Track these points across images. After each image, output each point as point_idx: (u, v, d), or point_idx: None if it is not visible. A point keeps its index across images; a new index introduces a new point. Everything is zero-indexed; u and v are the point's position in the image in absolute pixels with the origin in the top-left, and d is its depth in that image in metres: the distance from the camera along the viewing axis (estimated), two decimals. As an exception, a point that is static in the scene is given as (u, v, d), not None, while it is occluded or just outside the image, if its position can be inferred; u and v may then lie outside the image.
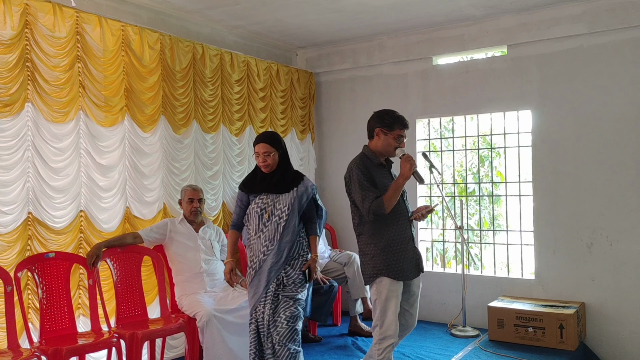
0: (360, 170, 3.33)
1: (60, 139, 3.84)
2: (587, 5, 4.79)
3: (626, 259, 4.69)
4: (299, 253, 3.48)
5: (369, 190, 3.27)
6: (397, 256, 3.30)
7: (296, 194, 3.49)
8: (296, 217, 3.46)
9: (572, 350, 4.48)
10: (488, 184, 5.90)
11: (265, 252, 3.42)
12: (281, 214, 3.45)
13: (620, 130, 4.72)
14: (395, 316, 3.25)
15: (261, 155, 3.46)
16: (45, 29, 3.70)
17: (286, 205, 3.46)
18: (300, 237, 3.51)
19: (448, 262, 6.51)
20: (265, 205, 3.48)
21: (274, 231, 3.43)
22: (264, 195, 3.51)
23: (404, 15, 5.14)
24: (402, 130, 3.40)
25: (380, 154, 3.45)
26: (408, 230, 3.39)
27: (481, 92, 5.39)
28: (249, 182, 3.61)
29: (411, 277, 3.37)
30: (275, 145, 3.49)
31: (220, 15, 5.06)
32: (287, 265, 3.43)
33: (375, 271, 3.31)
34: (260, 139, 3.52)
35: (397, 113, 3.45)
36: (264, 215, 3.46)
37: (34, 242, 3.69)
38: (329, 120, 6.44)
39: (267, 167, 3.48)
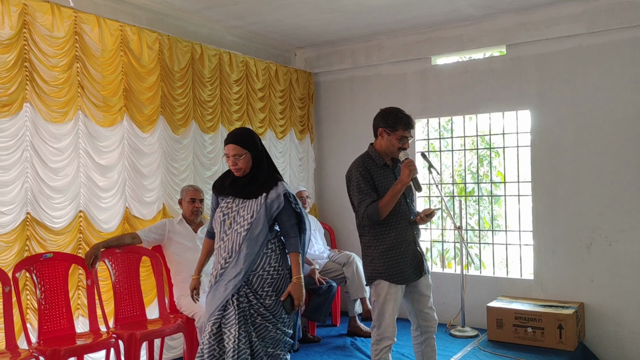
0: (360, 172, 3.27)
1: (59, 139, 3.83)
2: (586, 5, 4.79)
3: (625, 259, 4.69)
4: (265, 269, 3.03)
5: (366, 194, 3.22)
6: (397, 259, 3.24)
7: (264, 200, 3.05)
8: (262, 227, 3.03)
9: (571, 350, 4.48)
10: (487, 184, 5.90)
11: (223, 265, 3.03)
12: (243, 222, 3.03)
13: (619, 130, 4.72)
14: (392, 319, 3.23)
15: (231, 157, 3.06)
16: (43, 28, 3.70)
17: (250, 212, 3.04)
18: (268, 249, 3.05)
19: (448, 263, 6.51)
20: (229, 210, 3.10)
21: (234, 241, 3.02)
22: (230, 199, 3.13)
23: (403, 15, 5.14)
24: (405, 131, 3.26)
25: (385, 154, 3.34)
26: (410, 232, 3.31)
27: (480, 92, 5.39)
28: (219, 183, 3.24)
29: (411, 279, 3.31)
30: (248, 146, 3.07)
31: (218, 16, 5.06)
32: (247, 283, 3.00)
33: (375, 274, 3.28)
34: (230, 139, 3.10)
35: (402, 113, 3.31)
36: (226, 221, 3.08)
37: (32, 243, 3.69)
38: (327, 121, 6.44)
39: (239, 170, 3.07)
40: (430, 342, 3.43)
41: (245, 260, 2.99)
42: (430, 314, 3.42)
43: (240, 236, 3.01)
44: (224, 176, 3.24)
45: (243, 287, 2.98)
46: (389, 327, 3.23)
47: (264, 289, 3.02)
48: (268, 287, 3.03)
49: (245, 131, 3.19)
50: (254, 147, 3.11)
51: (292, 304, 3.03)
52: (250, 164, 3.09)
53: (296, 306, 3.05)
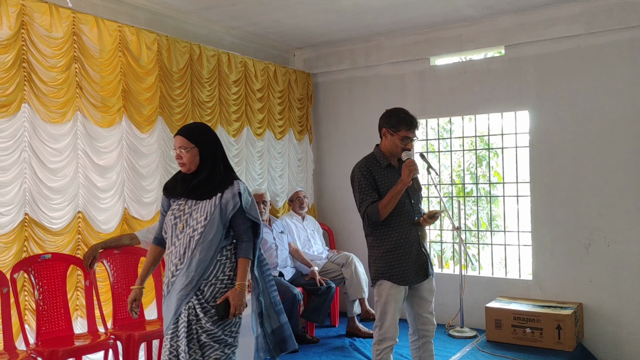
0: (362, 172, 3.27)
1: (58, 140, 3.83)
2: (584, 6, 4.79)
3: (624, 259, 4.69)
4: (218, 277, 2.80)
5: (367, 194, 3.22)
6: (400, 260, 3.23)
7: (219, 201, 2.83)
8: (217, 230, 2.80)
9: (569, 350, 4.48)
10: (486, 185, 5.90)
11: (174, 272, 2.80)
12: (196, 225, 2.80)
13: (618, 131, 4.72)
14: (394, 319, 3.23)
15: (176, 149, 2.87)
16: (41, 29, 3.69)
17: (204, 214, 2.81)
18: (222, 256, 2.84)
19: (446, 263, 6.51)
20: (181, 213, 2.86)
21: (186, 246, 2.79)
22: (182, 201, 2.89)
23: (402, 15, 5.14)
24: (408, 131, 3.25)
25: (389, 155, 3.32)
26: (413, 233, 3.28)
27: (479, 93, 5.39)
28: (171, 184, 3.00)
29: (415, 281, 3.28)
30: (194, 140, 2.85)
31: (217, 16, 5.06)
32: (198, 292, 2.77)
33: (378, 274, 3.28)
34: (178, 131, 2.94)
35: (405, 113, 3.30)
36: (178, 225, 2.84)
37: (30, 244, 3.68)
38: (326, 121, 6.44)
39: (183, 166, 2.87)
40: (427, 347, 3.41)
41: (197, 267, 2.76)
42: (429, 318, 3.39)
43: (192, 240, 2.78)
44: (175, 177, 3.01)
45: (192, 298, 2.75)
46: (391, 327, 3.23)
47: (215, 300, 2.78)
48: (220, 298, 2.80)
49: (198, 125, 3.03)
50: (204, 142, 2.88)
51: (227, 311, 2.75)
52: (197, 161, 2.86)
53: (231, 314, 2.77)
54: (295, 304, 4.74)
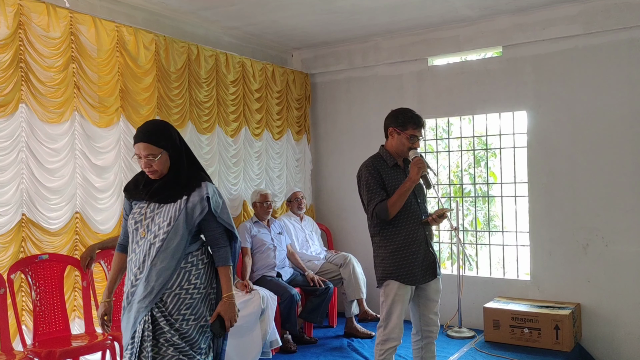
0: (369, 171, 3.28)
1: (55, 140, 3.82)
2: (582, 6, 4.79)
3: (622, 259, 4.69)
4: (183, 287, 2.54)
5: (375, 193, 3.22)
6: (407, 260, 3.22)
7: (185, 204, 2.58)
8: (182, 237, 2.56)
9: (567, 351, 4.48)
10: (484, 185, 5.90)
11: (134, 282, 2.56)
12: (158, 231, 2.55)
13: (615, 131, 4.72)
14: (400, 320, 3.22)
15: (143, 159, 2.57)
16: (39, 29, 3.68)
17: (167, 219, 2.56)
18: (187, 264, 2.58)
19: (443, 264, 6.51)
20: (142, 217, 2.60)
21: (145, 253, 2.55)
22: (144, 204, 2.64)
23: (399, 16, 5.14)
24: (415, 130, 3.27)
25: (396, 154, 3.34)
26: (421, 232, 3.28)
27: (477, 93, 5.40)
28: (133, 185, 2.74)
29: (423, 280, 3.28)
30: (163, 144, 2.58)
31: (215, 16, 5.05)
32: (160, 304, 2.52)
33: (385, 274, 3.27)
34: (140, 136, 2.58)
35: (412, 112, 3.33)
36: (139, 230, 2.60)
37: (27, 244, 3.67)
38: (324, 121, 6.43)
39: (154, 173, 2.60)
40: (430, 347, 3.42)
41: (158, 276, 2.50)
42: (433, 319, 3.40)
43: (153, 248, 2.53)
44: (137, 177, 2.75)
45: (155, 309, 2.50)
46: (396, 328, 3.22)
47: (180, 312, 2.53)
48: (185, 310, 2.54)
49: (159, 125, 2.70)
50: (171, 144, 2.61)
51: (223, 326, 2.59)
52: (169, 164, 2.61)
53: (228, 328, 2.60)
54: (293, 305, 4.73)
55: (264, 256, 5.03)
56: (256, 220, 5.17)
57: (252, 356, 4.16)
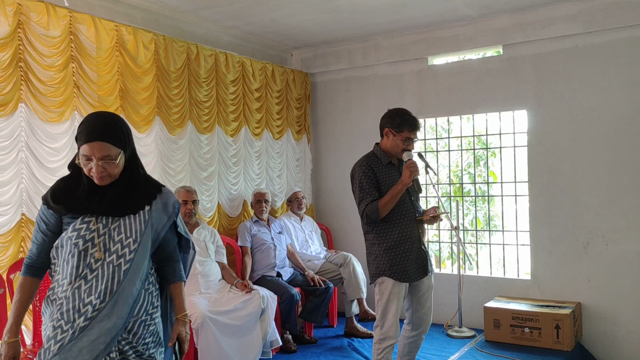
0: (363, 170, 3.31)
1: (55, 139, 3.81)
2: (582, 5, 4.79)
3: (622, 258, 4.69)
4: (148, 311, 2.17)
5: (367, 192, 3.26)
6: (401, 257, 3.27)
7: (149, 216, 2.18)
8: (148, 254, 2.18)
9: (568, 350, 4.48)
10: (484, 184, 5.90)
11: (87, 316, 2.03)
12: (121, 250, 2.11)
13: (616, 130, 4.72)
14: (396, 318, 3.26)
15: (96, 162, 2.06)
16: (39, 28, 3.68)
17: (132, 235, 2.14)
18: (149, 284, 2.21)
19: (443, 263, 6.51)
20: (94, 235, 2.10)
21: (109, 279, 2.07)
22: (90, 219, 2.11)
23: (399, 15, 5.13)
24: (411, 132, 3.31)
25: (390, 154, 3.38)
26: (414, 230, 3.33)
27: (477, 92, 5.39)
28: (63, 194, 2.15)
29: (415, 278, 3.33)
30: (122, 144, 2.12)
31: (214, 16, 5.04)
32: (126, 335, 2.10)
33: (379, 271, 3.31)
34: (94, 135, 2.06)
35: (409, 114, 3.36)
36: (94, 252, 2.08)
37: (27, 244, 3.66)
38: (324, 121, 6.43)
39: (105, 178, 2.10)
40: (417, 341, 3.51)
41: (124, 304, 2.08)
42: (427, 315, 3.45)
43: (119, 271, 2.09)
44: (68, 183, 2.18)
45: (122, 343, 2.08)
46: (393, 326, 3.26)
47: (145, 340, 2.14)
48: (149, 337, 2.17)
49: (114, 119, 2.17)
50: (130, 142, 2.18)
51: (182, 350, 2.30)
52: (122, 167, 2.14)
53: (185, 350, 2.29)
54: (293, 305, 4.73)
55: (264, 255, 5.03)
56: (256, 219, 5.16)
57: (252, 356, 4.15)
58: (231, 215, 5.29)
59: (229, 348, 3.97)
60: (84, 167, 2.10)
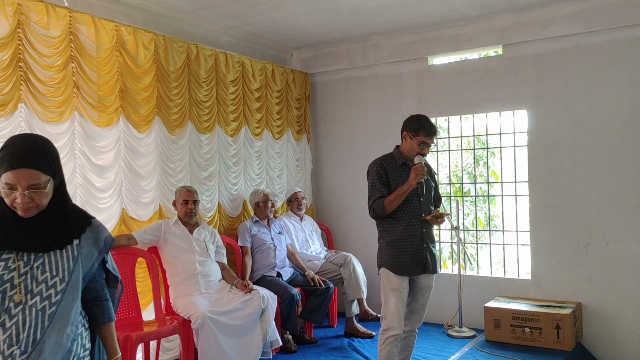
0: (376, 168, 3.54)
1: (55, 139, 3.75)
2: (582, 5, 4.79)
3: (623, 258, 4.69)
4: (80, 356, 1.94)
5: (377, 189, 3.48)
6: (401, 252, 3.45)
7: (78, 251, 1.94)
8: (79, 294, 1.94)
9: (568, 350, 4.47)
10: (484, 184, 5.89)
11: None
12: (46, 291, 1.86)
13: (616, 130, 4.71)
14: (397, 309, 3.41)
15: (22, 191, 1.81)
16: (38, 27, 3.67)
17: (58, 273, 1.88)
18: (82, 326, 1.98)
19: (444, 263, 6.50)
20: (14, 275, 1.83)
21: (30, 325, 1.82)
22: (9, 255, 1.84)
23: (399, 15, 5.13)
24: (426, 137, 3.49)
25: (406, 156, 3.57)
26: (417, 229, 3.48)
27: (477, 92, 5.39)
28: None
29: (411, 273, 3.48)
30: (51, 170, 1.88)
31: (214, 16, 5.04)
32: None
33: (380, 262, 3.54)
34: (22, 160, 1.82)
35: (426, 120, 3.54)
36: (13, 295, 1.82)
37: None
38: (324, 121, 6.43)
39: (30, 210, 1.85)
40: (410, 337, 3.64)
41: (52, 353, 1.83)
42: (418, 311, 3.62)
43: (43, 316, 1.83)
44: None
45: None
46: (394, 317, 3.41)
47: None
48: None
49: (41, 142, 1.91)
50: (59, 167, 1.94)
51: None
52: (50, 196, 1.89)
53: None
54: (294, 305, 4.72)
55: (264, 256, 5.03)
56: (256, 219, 5.16)
57: (253, 356, 4.15)
58: (231, 216, 5.29)
59: (229, 348, 3.97)
60: (6, 197, 1.83)
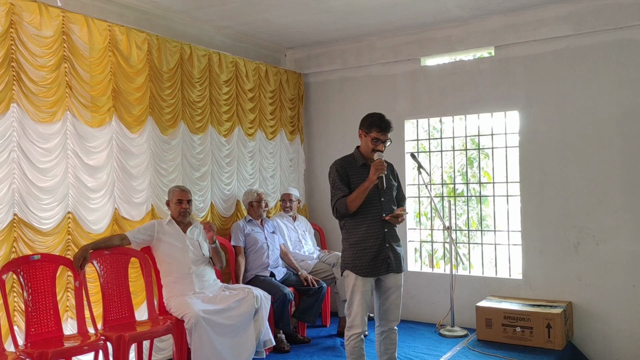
0: (336, 169, 3.51)
1: (47, 140, 3.80)
2: (572, 7, 4.83)
3: (612, 258, 4.73)
4: None
5: (338, 189, 3.45)
6: (363, 253, 3.43)
7: None
8: None
9: (559, 349, 4.51)
10: (476, 185, 5.93)
11: None
12: None
13: (606, 131, 4.76)
14: (360, 309, 3.41)
15: None
16: (31, 28, 3.67)
17: None
18: None
19: (437, 263, 6.53)
20: None
21: None
22: None
23: (392, 16, 5.15)
24: (379, 133, 3.43)
25: (366, 156, 3.53)
26: (379, 229, 3.46)
27: (469, 93, 5.42)
28: None
29: (374, 274, 3.45)
30: None
31: (207, 16, 5.05)
32: None
33: (344, 265, 3.53)
34: None
35: (379, 116, 3.48)
36: None
37: (19, 244, 3.65)
38: (317, 121, 6.44)
39: None
40: (390, 335, 3.60)
41: None
42: (391, 309, 3.56)
43: None
44: None
45: None
46: (357, 316, 3.42)
47: None
48: None
49: None
50: None
51: None
52: None
53: None
54: (286, 304, 4.74)
55: (257, 255, 5.03)
56: (250, 219, 5.17)
57: (246, 356, 4.16)
58: (224, 216, 5.29)
59: (222, 348, 3.97)
60: None
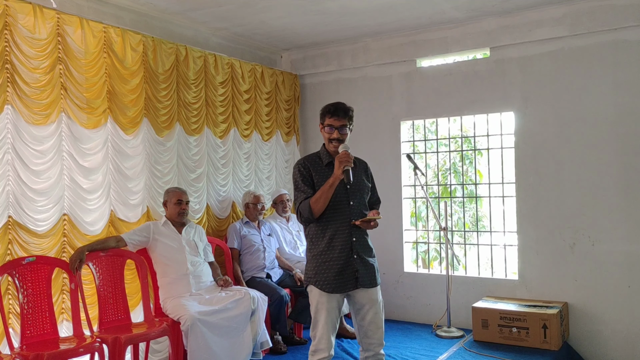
0: (299, 169, 3.12)
1: (42, 142, 3.79)
2: (568, 8, 4.84)
3: (608, 258, 4.74)
4: None
5: (301, 191, 3.05)
6: (327, 266, 2.99)
7: None
8: None
9: (555, 350, 4.52)
10: (471, 185, 5.94)
11: None
12: None
13: (601, 132, 4.77)
14: (326, 329, 3.00)
15: None
16: (25, 30, 3.66)
17: None
18: None
19: (431, 264, 6.54)
20: None
21: None
22: None
23: (388, 17, 5.16)
24: (331, 118, 3.05)
25: (331, 154, 3.14)
26: (346, 237, 3.01)
27: (464, 94, 5.43)
28: None
29: (343, 290, 3.01)
30: None
31: (203, 17, 5.04)
32: None
33: (307, 278, 3.11)
34: None
35: (334, 103, 3.12)
36: None
37: (14, 246, 3.63)
38: (313, 123, 6.44)
39: None
40: None
41: None
42: (371, 331, 3.09)
43: None
44: None
45: None
46: (323, 338, 3.00)
47: None
48: None
49: None
50: None
51: None
52: None
53: None
54: (283, 306, 4.73)
55: (253, 257, 5.03)
56: (247, 221, 5.16)
57: (243, 357, 4.15)
58: (220, 217, 5.29)
59: (218, 349, 3.97)
60: None
